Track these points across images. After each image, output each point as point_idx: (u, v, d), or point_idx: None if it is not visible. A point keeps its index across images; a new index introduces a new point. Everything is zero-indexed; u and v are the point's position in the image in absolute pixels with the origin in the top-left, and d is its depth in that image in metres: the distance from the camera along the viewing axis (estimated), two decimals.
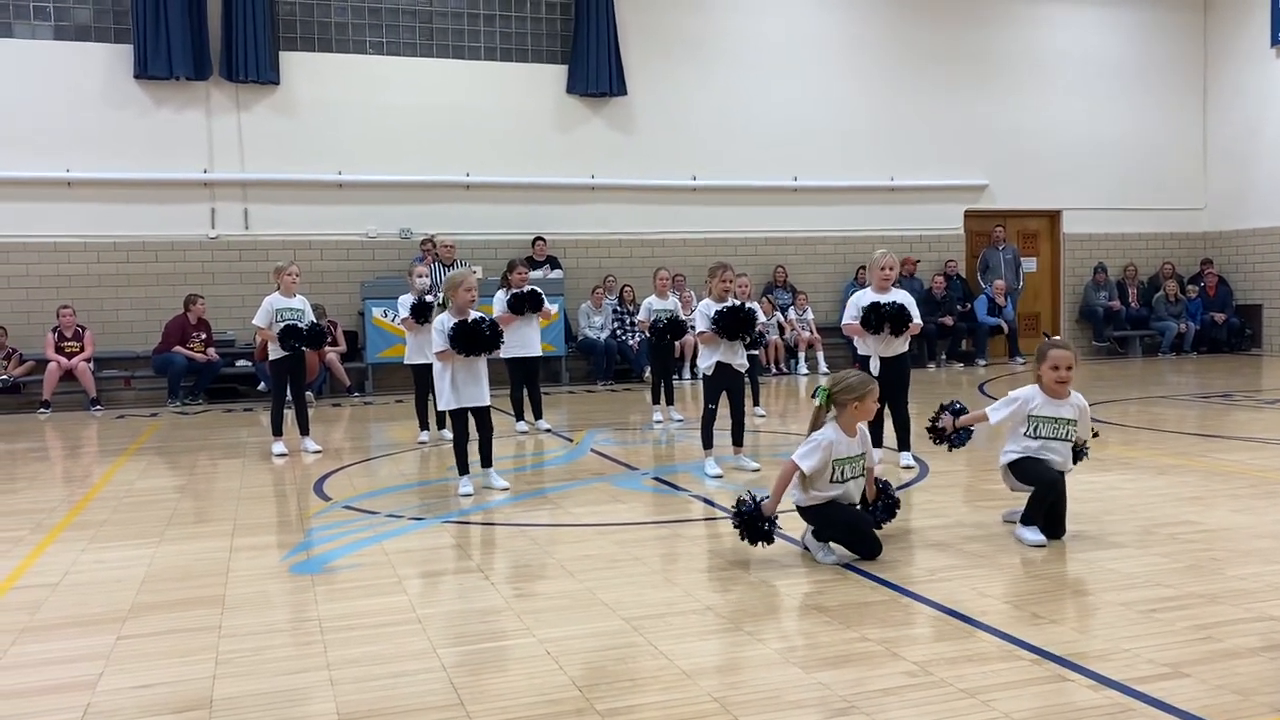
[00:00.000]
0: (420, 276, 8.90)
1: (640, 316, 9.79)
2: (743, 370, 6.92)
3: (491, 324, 6.34)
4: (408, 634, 3.77)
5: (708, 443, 6.90)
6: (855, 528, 4.58)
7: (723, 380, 6.85)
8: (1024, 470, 4.88)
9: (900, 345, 6.78)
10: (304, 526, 5.67)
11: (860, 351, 6.88)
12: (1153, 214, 17.23)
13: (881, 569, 4.45)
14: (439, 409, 6.37)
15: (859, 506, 4.75)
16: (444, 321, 6.24)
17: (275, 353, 8.27)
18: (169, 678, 3.42)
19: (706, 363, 6.88)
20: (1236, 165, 16.88)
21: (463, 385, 6.26)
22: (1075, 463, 5.07)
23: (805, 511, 4.64)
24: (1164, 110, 17.14)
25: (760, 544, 4.55)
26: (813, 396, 4.63)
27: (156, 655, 3.65)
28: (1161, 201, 17.22)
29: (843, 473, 4.57)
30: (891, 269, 6.83)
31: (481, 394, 6.34)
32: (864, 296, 6.80)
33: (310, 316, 8.41)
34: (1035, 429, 4.87)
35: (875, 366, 6.69)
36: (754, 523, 4.51)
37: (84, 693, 3.30)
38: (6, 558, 5.11)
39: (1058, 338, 5.14)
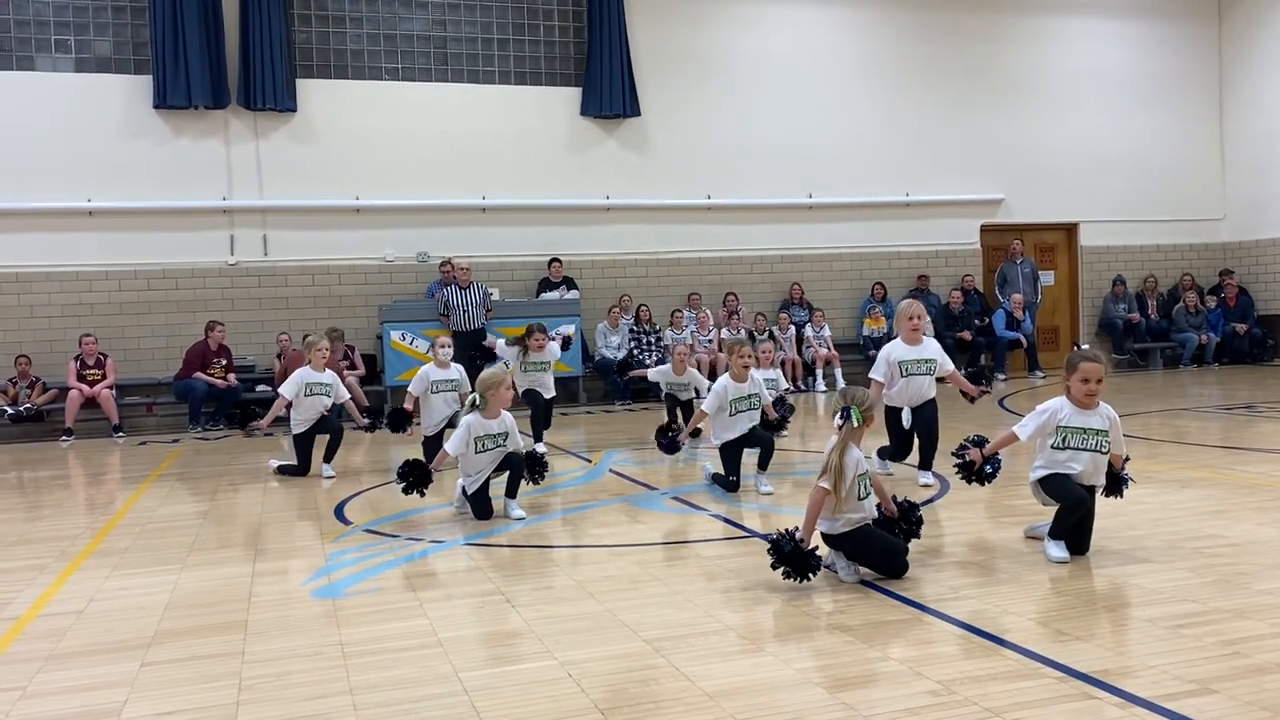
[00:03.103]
0: (444, 348, 8.60)
1: (652, 377, 9.66)
2: (754, 425, 6.96)
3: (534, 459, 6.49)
4: (430, 657, 3.77)
5: (717, 480, 7.03)
6: (888, 551, 4.56)
7: (739, 450, 6.90)
8: (1053, 486, 4.84)
9: (929, 393, 6.76)
10: (325, 551, 5.68)
11: (888, 404, 6.83)
12: (1171, 225, 17.14)
13: (904, 587, 4.43)
14: (468, 493, 6.38)
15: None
16: (473, 426, 6.26)
17: (300, 427, 8.40)
18: (193, 704, 3.43)
19: (719, 440, 6.92)
20: (1255, 174, 16.80)
21: (487, 467, 6.34)
22: (1119, 494, 5.00)
23: (837, 539, 4.59)
24: (1180, 121, 17.08)
25: (808, 578, 4.45)
26: (842, 418, 4.54)
27: (181, 682, 3.66)
28: (1180, 212, 17.14)
29: (865, 487, 4.56)
30: (919, 318, 6.78)
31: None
32: (894, 350, 6.75)
33: (340, 391, 8.55)
34: (1064, 440, 4.82)
35: (907, 418, 6.69)
36: (798, 558, 4.41)
37: None
38: (31, 585, 5.15)
39: (1088, 348, 5.09)
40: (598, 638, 3.93)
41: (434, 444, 8.32)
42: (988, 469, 5.19)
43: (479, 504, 6.32)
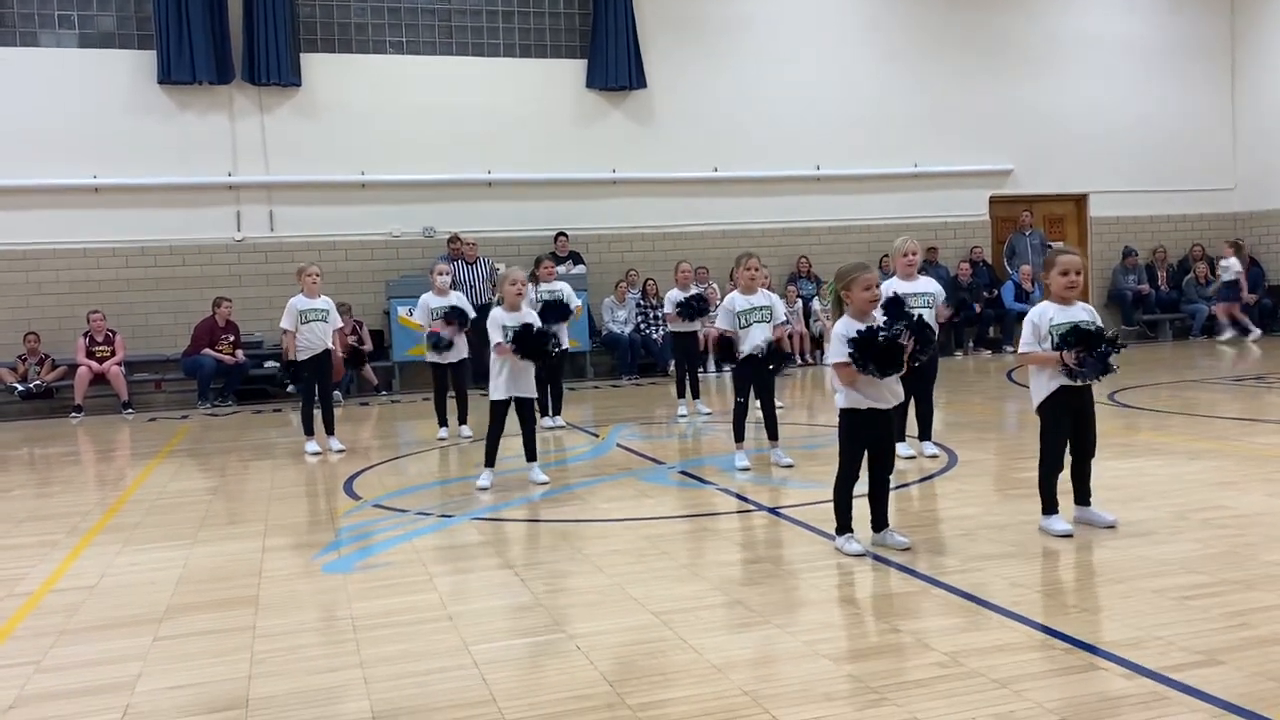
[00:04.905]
0: (441, 274, 8.93)
1: (666, 309, 9.71)
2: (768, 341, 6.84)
3: (554, 338, 6.51)
4: (439, 631, 3.80)
5: (739, 436, 6.85)
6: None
7: (750, 373, 6.83)
8: (1051, 408, 4.70)
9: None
10: (335, 526, 5.71)
11: None
12: (1181, 195, 17.01)
13: (912, 560, 4.43)
14: (491, 399, 6.42)
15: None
16: (500, 317, 6.40)
17: (301, 353, 8.34)
18: (205, 678, 3.46)
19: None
20: (1266, 144, 16.64)
21: (516, 376, 6.40)
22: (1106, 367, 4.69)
23: (850, 414, 4.64)
24: (1191, 90, 16.91)
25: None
26: (826, 302, 4.61)
27: (193, 656, 3.69)
28: (1190, 183, 17.00)
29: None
30: (915, 254, 6.81)
31: (529, 386, 6.51)
32: (890, 286, 6.75)
33: (335, 316, 8.48)
34: (1060, 340, 4.70)
35: None
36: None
37: (123, 694, 3.35)
38: (44, 561, 5.19)
39: (1063, 245, 5.03)
40: (606, 611, 3.95)
41: (443, 370, 8.76)
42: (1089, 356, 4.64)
43: (492, 433, 6.42)
